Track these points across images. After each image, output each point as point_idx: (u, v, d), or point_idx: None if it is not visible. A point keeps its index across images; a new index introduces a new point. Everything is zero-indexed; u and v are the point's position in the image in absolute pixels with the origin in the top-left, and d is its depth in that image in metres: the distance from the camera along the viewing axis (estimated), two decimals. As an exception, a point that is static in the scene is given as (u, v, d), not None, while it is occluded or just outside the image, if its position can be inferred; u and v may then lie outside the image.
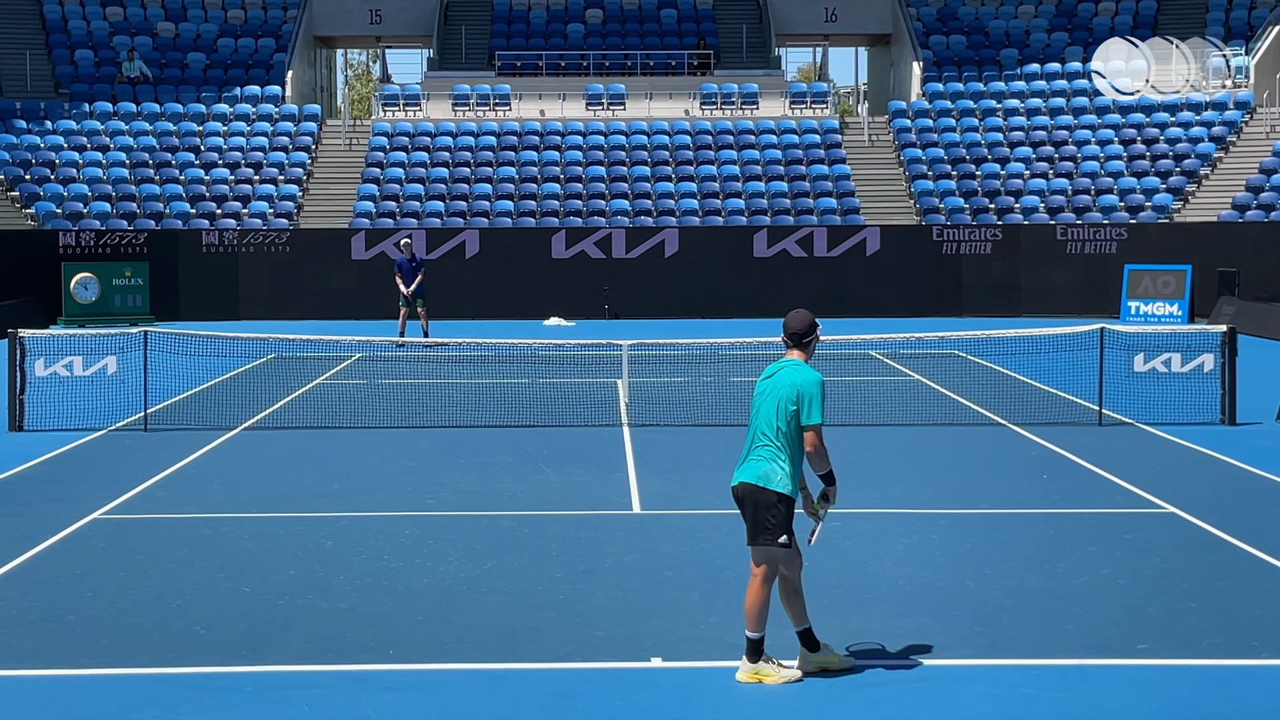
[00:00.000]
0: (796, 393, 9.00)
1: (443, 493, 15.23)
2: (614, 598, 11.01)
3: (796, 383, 9.03)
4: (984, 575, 11.70)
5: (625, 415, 20.51)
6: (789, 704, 8.65)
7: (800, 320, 9.26)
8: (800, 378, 9.05)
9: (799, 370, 9.10)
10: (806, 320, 9.26)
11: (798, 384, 9.03)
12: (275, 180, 41.99)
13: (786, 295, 37.45)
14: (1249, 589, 11.28)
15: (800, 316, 9.28)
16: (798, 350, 9.24)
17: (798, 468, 9.08)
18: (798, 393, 9.00)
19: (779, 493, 8.98)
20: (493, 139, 44.02)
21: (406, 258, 30.30)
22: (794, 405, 9.00)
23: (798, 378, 9.06)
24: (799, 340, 9.24)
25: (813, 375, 9.06)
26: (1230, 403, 19.69)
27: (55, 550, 12.68)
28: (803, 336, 9.23)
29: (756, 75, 47.78)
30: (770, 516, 8.98)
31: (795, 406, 9.00)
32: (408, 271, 30.17)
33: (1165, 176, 41.13)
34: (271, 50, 47.62)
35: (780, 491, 8.98)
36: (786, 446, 9.01)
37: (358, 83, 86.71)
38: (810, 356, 9.27)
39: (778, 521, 8.98)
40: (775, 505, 8.99)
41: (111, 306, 36.03)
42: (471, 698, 8.82)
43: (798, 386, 9.01)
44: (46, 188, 40.80)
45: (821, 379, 9.08)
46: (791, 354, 9.26)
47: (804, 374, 9.06)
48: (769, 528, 8.98)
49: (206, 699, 8.79)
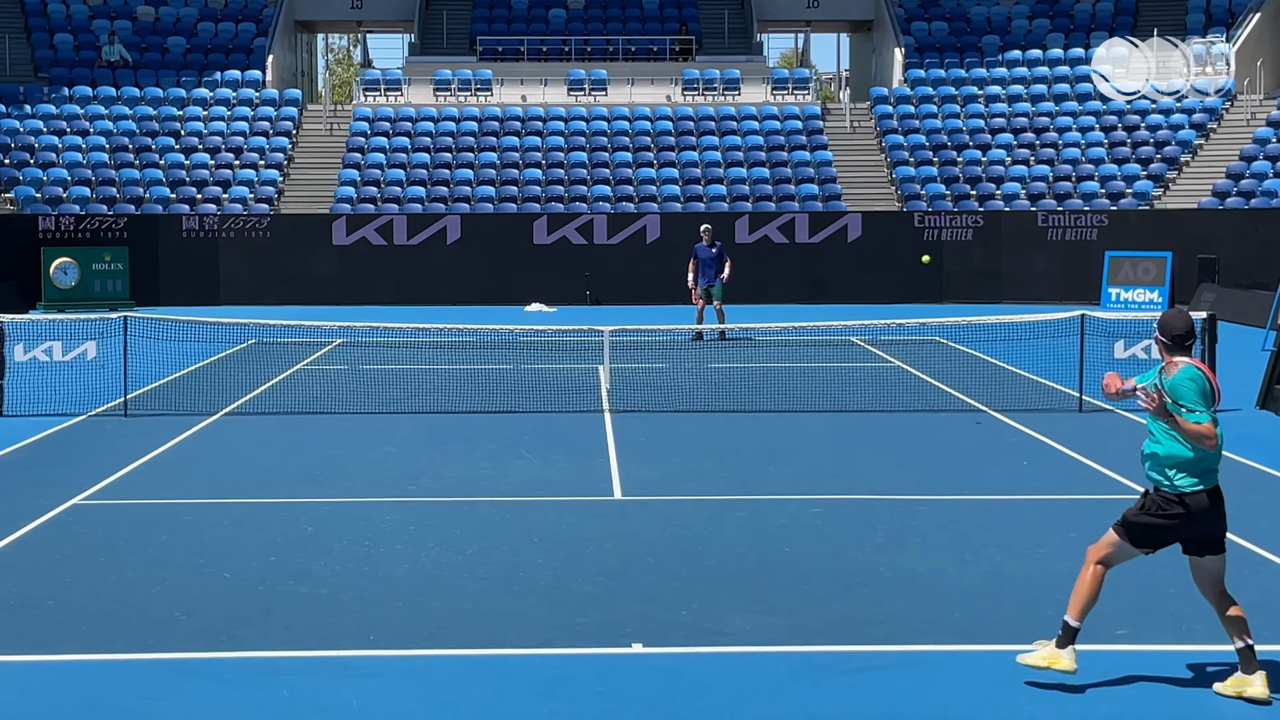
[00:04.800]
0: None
1: (424, 478, 15.22)
2: (595, 584, 11.02)
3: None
4: (965, 561, 11.72)
5: (606, 401, 20.50)
6: (770, 690, 8.66)
7: (1188, 322, 8.73)
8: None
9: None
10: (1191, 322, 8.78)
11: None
12: (256, 165, 41.87)
13: (768, 281, 37.56)
14: (1230, 576, 11.28)
15: (1188, 318, 8.77)
16: (1184, 355, 8.67)
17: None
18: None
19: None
20: (474, 124, 43.94)
21: (707, 244, 28.81)
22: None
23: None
24: (1186, 343, 8.69)
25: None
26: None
27: (34, 536, 12.64)
28: (1187, 339, 8.69)
29: (738, 61, 47.75)
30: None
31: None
32: (706, 260, 28.61)
33: (1146, 164, 41.22)
34: (252, 35, 47.46)
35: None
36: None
37: (339, 67, 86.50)
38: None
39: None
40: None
41: (91, 291, 35.91)
42: (452, 683, 8.82)
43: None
44: (26, 172, 40.64)
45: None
46: (1184, 360, 8.62)
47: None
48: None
49: (186, 684, 8.78)
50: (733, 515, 13.42)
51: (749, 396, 20.89)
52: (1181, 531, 8.64)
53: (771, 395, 21.00)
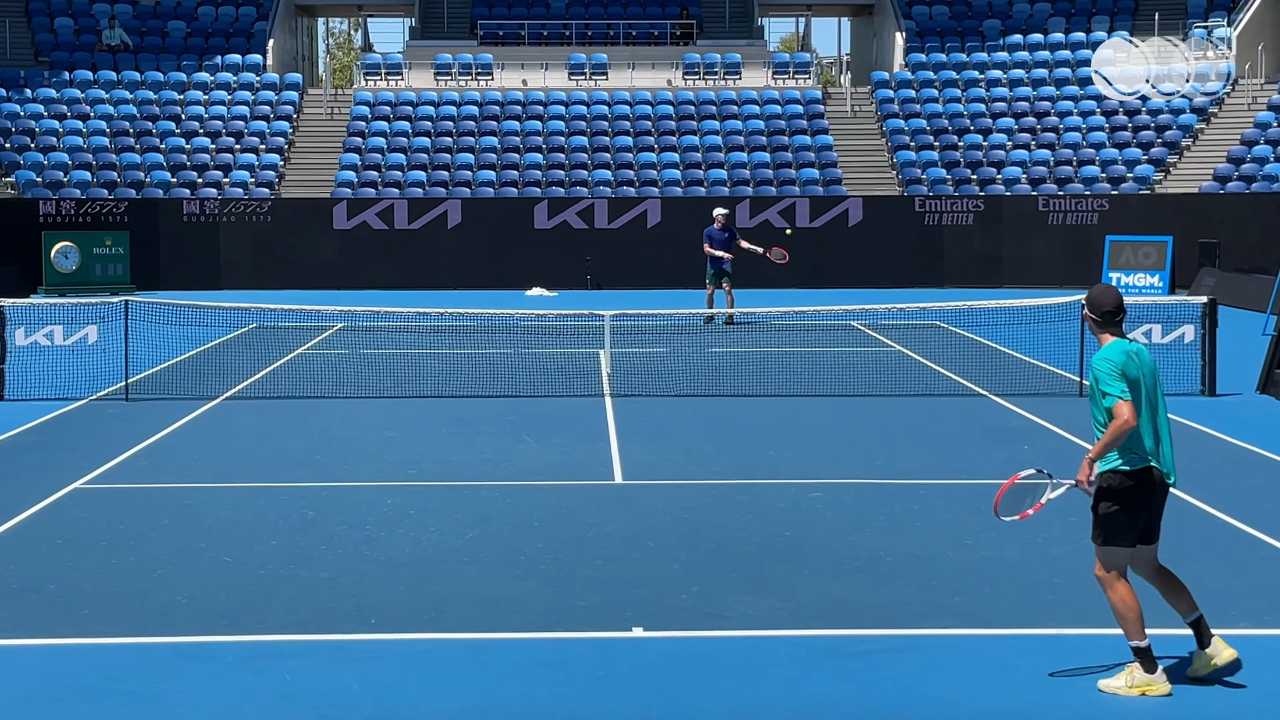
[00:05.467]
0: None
1: (425, 463, 15.23)
2: (596, 568, 11.03)
3: (1155, 365, 8.65)
4: (965, 545, 11.74)
5: (607, 385, 20.51)
6: (770, 673, 8.67)
7: (1118, 297, 8.69)
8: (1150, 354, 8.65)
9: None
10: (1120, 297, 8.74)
11: (1155, 366, 8.65)
12: (256, 149, 41.84)
13: (769, 266, 37.49)
14: (1228, 559, 11.34)
15: (1116, 293, 8.72)
16: (1115, 330, 8.64)
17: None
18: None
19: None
20: (475, 109, 43.89)
21: (720, 227, 28.54)
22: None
23: (1152, 359, 8.66)
24: (1116, 318, 8.66)
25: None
26: (1210, 373, 19.75)
27: (36, 520, 12.66)
28: (1117, 314, 8.66)
29: (739, 45, 47.68)
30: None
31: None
32: (719, 243, 28.40)
33: (1147, 148, 41.18)
34: (253, 18, 47.39)
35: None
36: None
37: (339, 52, 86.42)
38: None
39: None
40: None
41: (92, 276, 35.91)
42: (453, 667, 8.84)
43: (1156, 368, 8.65)
44: (26, 156, 40.62)
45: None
46: (1113, 335, 8.61)
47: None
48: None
49: (188, 668, 8.80)
50: (733, 499, 13.44)
51: (749, 381, 20.90)
52: (1130, 511, 8.44)
53: (772, 379, 21.00)
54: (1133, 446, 8.41)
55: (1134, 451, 8.40)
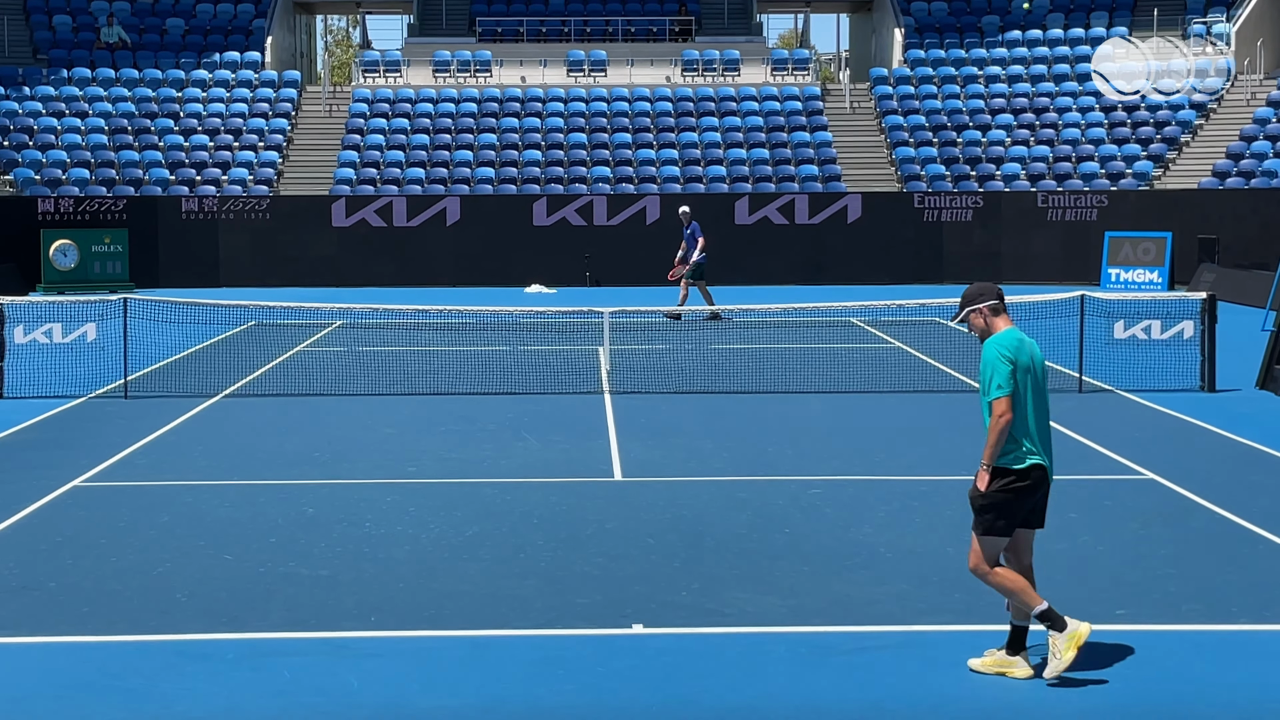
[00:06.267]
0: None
1: (424, 460, 15.23)
2: (595, 565, 11.03)
3: (1042, 357, 8.72)
4: (964, 542, 11.68)
5: (606, 382, 20.51)
6: (770, 670, 8.68)
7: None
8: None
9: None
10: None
11: (1042, 358, 8.71)
12: (255, 147, 41.83)
13: (768, 262, 37.56)
14: (1228, 555, 11.34)
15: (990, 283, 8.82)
16: (1006, 317, 8.77)
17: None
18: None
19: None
20: (473, 106, 43.89)
21: (684, 224, 29.32)
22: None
23: (1040, 351, 8.73)
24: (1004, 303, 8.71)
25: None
26: (1210, 369, 19.75)
27: (35, 518, 12.66)
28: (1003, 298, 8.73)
29: (738, 42, 47.67)
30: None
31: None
32: (687, 240, 29.08)
33: (1146, 144, 41.18)
34: (251, 16, 47.37)
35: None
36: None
37: (338, 49, 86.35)
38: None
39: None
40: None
41: (91, 273, 35.89)
42: (453, 665, 8.84)
43: (1043, 360, 8.71)
44: (25, 154, 40.60)
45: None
46: (1006, 322, 8.77)
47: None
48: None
49: (188, 666, 8.79)
50: (733, 496, 13.44)
51: (749, 378, 20.90)
52: (1015, 506, 8.48)
53: (772, 376, 21.00)
54: (1019, 438, 8.48)
55: (1023, 447, 8.48)
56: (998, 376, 8.41)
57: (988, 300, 8.71)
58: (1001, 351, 8.47)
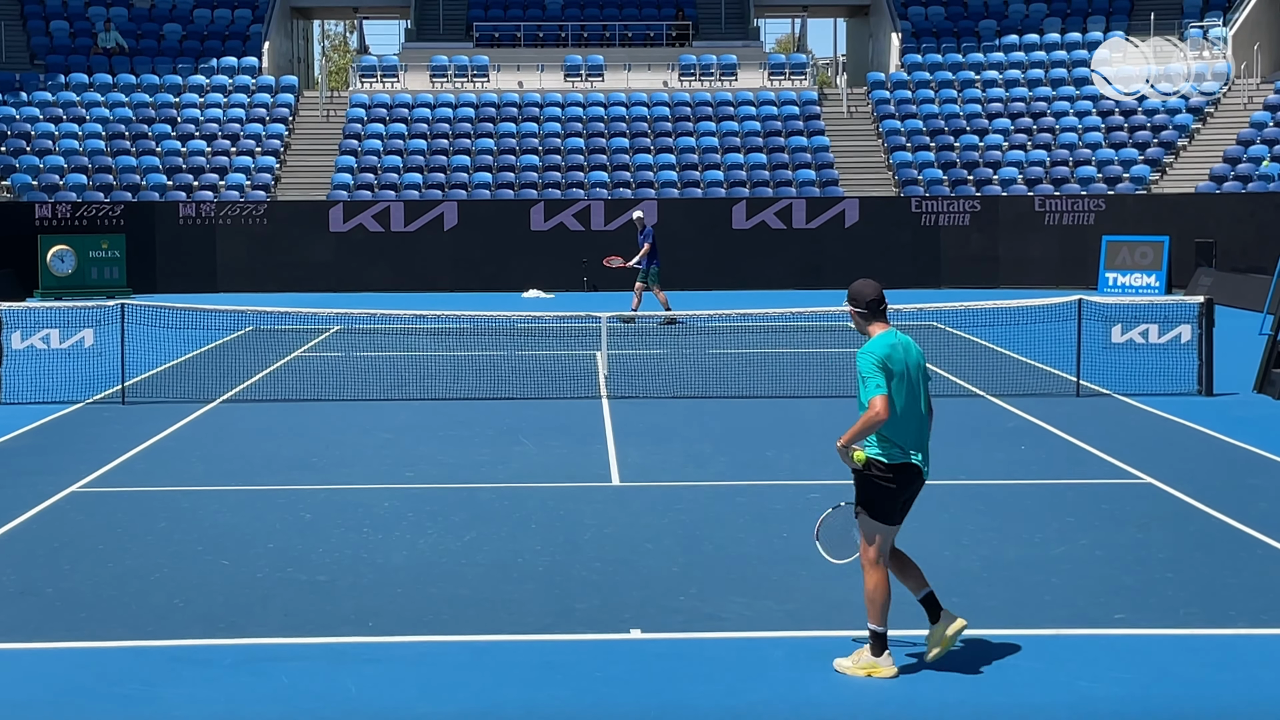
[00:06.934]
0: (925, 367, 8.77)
1: (422, 465, 15.22)
2: (593, 570, 11.03)
3: (921, 353, 8.79)
4: (961, 545, 11.74)
5: (604, 387, 20.51)
6: (767, 675, 8.67)
7: (879, 287, 8.82)
8: (917, 346, 8.80)
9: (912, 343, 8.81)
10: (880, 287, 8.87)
11: (922, 354, 8.80)
12: (252, 152, 41.84)
13: (765, 267, 37.56)
14: (1225, 559, 11.34)
15: (876, 284, 8.83)
16: (882, 320, 8.78)
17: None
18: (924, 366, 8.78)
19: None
20: (471, 110, 43.90)
21: (639, 229, 29.62)
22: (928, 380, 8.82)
23: (918, 347, 8.79)
24: (881, 308, 8.78)
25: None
26: (1207, 373, 19.75)
27: (33, 523, 12.65)
28: (881, 303, 8.76)
29: (735, 46, 47.71)
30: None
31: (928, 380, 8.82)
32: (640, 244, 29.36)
33: (1143, 148, 41.20)
34: (248, 21, 47.40)
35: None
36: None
37: (335, 54, 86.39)
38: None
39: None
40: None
41: (88, 279, 35.89)
42: (451, 670, 8.83)
43: (922, 360, 8.78)
44: (22, 159, 40.60)
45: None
46: (881, 326, 8.75)
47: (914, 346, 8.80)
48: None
49: (185, 671, 8.79)
50: (731, 500, 13.44)
51: (747, 382, 20.90)
52: (889, 498, 8.62)
53: (769, 380, 21.00)
54: (893, 439, 8.60)
55: (895, 445, 8.60)
56: (871, 379, 8.56)
57: (857, 307, 8.80)
58: (870, 360, 8.60)
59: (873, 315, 8.76)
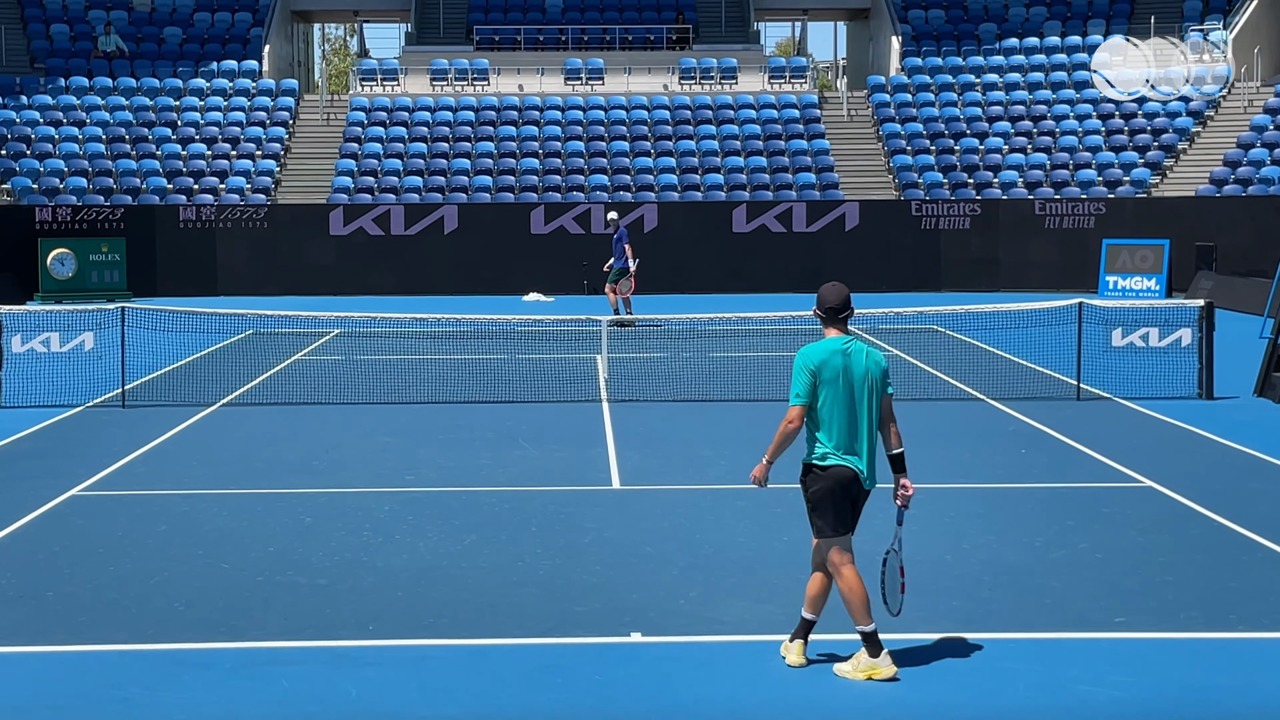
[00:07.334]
0: (884, 372, 8.79)
1: (422, 469, 15.22)
2: (593, 573, 11.03)
3: (881, 362, 8.78)
4: (962, 549, 11.73)
5: (604, 391, 20.51)
6: (768, 678, 8.67)
7: (843, 294, 8.83)
8: (878, 355, 8.82)
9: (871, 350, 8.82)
10: (847, 294, 8.90)
11: (882, 363, 8.79)
12: (252, 156, 41.85)
13: (765, 270, 37.56)
14: (1226, 562, 11.33)
15: (842, 290, 8.85)
16: (837, 326, 8.81)
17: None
18: (884, 372, 8.80)
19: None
20: (471, 114, 43.91)
21: (613, 231, 29.88)
22: (889, 387, 8.85)
23: (878, 356, 8.79)
24: (840, 315, 8.81)
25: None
26: (1208, 377, 19.75)
27: (33, 527, 12.65)
28: (841, 311, 8.79)
29: (735, 50, 47.72)
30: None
31: (890, 388, 8.86)
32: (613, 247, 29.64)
33: (1143, 151, 41.21)
34: (248, 25, 47.41)
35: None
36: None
37: (335, 57, 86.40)
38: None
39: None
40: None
41: (88, 282, 35.89)
42: (452, 673, 8.83)
43: (883, 366, 8.79)
44: (22, 163, 40.61)
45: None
46: (833, 332, 8.79)
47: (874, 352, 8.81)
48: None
49: (186, 675, 8.79)
50: (731, 504, 13.43)
51: (747, 385, 20.89)
52: (828, 503, 8.73)
53: (770, 384, 20.99)
54: (824, 441, 8.69)
55: (825, 447, 8.70)
56: (795, 385, 8.66)
57: (818, 310, 8.87)
58: (804, 363, 8.68)
59: (829, 320, 8.82)
